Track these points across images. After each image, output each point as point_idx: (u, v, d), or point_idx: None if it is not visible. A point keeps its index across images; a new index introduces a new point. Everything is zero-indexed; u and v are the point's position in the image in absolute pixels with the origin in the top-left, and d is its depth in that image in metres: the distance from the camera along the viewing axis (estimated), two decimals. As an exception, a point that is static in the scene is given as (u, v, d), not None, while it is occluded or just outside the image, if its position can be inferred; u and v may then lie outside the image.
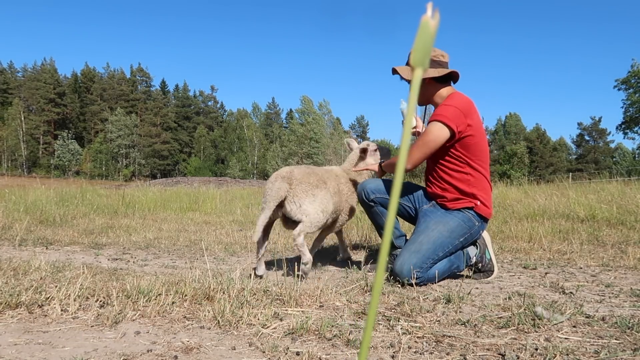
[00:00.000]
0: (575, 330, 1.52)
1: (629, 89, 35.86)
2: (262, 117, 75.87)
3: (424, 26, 0.30)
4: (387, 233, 0.32)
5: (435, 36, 0.31)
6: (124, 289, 1.89)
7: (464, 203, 2.42)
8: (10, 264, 2.55)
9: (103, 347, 1.39)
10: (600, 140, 61.84)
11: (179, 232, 4.82)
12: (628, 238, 3.76)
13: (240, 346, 1.40)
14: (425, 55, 0.31)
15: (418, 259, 2.25)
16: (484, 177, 2.46)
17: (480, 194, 2.43)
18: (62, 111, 69.21)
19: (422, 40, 0.30)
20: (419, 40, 0.31)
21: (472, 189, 2.42)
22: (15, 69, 72.62)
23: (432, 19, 0.31)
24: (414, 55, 0.31)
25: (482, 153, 2.44)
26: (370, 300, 0.32)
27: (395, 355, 1.31)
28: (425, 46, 0.30)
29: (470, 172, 2.42)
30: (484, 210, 2.44)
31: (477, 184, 2.43)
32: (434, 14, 0.30)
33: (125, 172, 65.02)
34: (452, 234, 2.36)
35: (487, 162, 2.48)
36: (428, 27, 0.30)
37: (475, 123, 2.38)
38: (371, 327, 0.31)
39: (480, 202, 2.42)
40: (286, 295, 1.85)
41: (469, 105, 2.38)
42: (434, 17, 0.31)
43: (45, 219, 5.70)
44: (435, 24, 0.30)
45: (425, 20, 0.30)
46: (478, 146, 2.40)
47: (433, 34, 0.31)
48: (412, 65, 0.31)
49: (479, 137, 2.40)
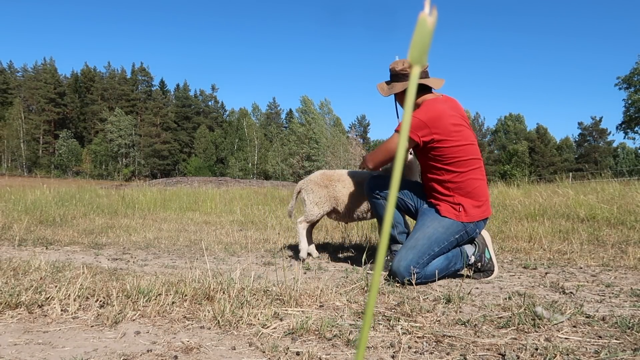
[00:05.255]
0: (575, 330, 1.51)
1: (630, 87, 35.82)
2: (262, 117, 75.88)
3: (421, 23, 0.30)
4: (383, 238, 0.32)
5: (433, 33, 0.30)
6: (124, 289, 1.89)
7: (447, 211, 2.43)
8: (10, 264, 2.55)
9: (103, 347, 1.39)
10: (601, 140, 61.83)
11: (179, 232, 4.82)
12: (628, 238, 3.76)
13: (240, 346, 1.40)
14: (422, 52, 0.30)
15: (414, 254, 2.29)
16: (469, 180, 2.44)
17: (462, 199, 2.43)
18: (62, 111, 69.21)
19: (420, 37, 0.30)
20: (416, 38, 0.31)
21: (452, 193, 2.44)
22: (15, 69, 72.61)
23: (430, 16, 0.30)
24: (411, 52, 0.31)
25: (462, 158, 2.41)
26: (368, 299, 0.31)
27: (395, 355, 1.31)
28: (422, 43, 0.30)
29: (449, 179, 2.43)
30: (471, 216, 2.43)
31: (457, 189, 2.43)
32: (432, 11, 0.30)
33: (125, 172, 65.00)
34: (447, 230, 2.39)
35: (472, 165, 2.44)
36: (426, 24, 0.30)
37: (444, 131, 2.37)
38: (369, 324, 0.31)
39: (462, 207, 2.42)
40: (286, 295, 1.85)
41: (437, 115, 2.38)
42: (432, 14, 0.30)
43: (45, 219, 5.70)
44: (433, 21, 0.30)
45: (423, 17, 0.30)
46: (454, 152, 2.40)
47: (431, 31, 0.30)
48: (410, 63, 0.31)
49: (453, 143, 2.39)
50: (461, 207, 2.42)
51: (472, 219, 2.43)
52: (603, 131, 61.33)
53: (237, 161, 63.92)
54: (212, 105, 79.72)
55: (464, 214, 2.42)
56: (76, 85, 72.53)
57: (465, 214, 2.42)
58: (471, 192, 2.45)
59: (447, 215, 2.43)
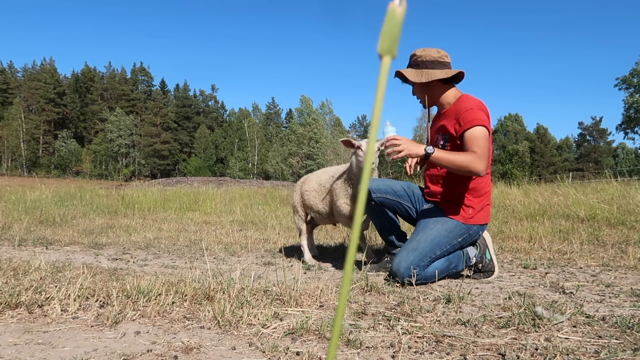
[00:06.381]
0: (575, 330, 1.51)
1: (630, 88, 35.81)
2: (262, 117, 75.86)
3: (390, 14, 0.30)
4: (354, 237, 0.32)
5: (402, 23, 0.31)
6: (124, 289, 1.89)
7: (455, 212, 2.41)
8: (10, 264, 2.55)
9: (103, 347, 1.39)
10: (601, 140, 61.81)
11: (179, 232, 4.82)
12: (628, 238, 3.76)
13: (240, 346, 1.40)
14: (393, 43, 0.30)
15: (415, 257, 2.27)
16: (489, 182, 2.47)
17: (475, 201, 2.42)
18: (62, 111, 69.21)
19: (389, 27, 0.30)
20: (386, 28, 0.31)
21: (471, 195, 2.41)
22: (15, 69, 72.64)
23: (399, 6, 0.30)
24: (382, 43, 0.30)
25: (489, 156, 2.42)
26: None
27: (395, 355, 1.31)
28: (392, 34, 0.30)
29: (479, 179, 2.40)
30: (478, 218, 2.42)
31: (476, 190, 2.42)
32: (401, 1, 0.31)
33: (125, 172, 65.02)
34: (450, 234, 2.36)
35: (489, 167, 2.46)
36: (395, 15, 0.30)
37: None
38: (341, 315, 0.31)
39: (472, 210, 2.41)
40: (286, 295, 1.85)
41: (486, 107, 2.41)
42: (401, 4, 0.31)
43: (45, 219, 5.70)
44: (402, 11, 0.30)
45: (392, 7, 0.30)
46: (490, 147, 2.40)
47: (400, 21, 0.30)
48: (380, 53, 0.31)
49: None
50: (472, 209, 2.40)
51: (478, 222, 2.43)
52: (603, 131, 61.33)
53: (237, 161, 63.93)
54: (212, 105, 79.72)
55: (473, 216, 2.41)
56: (76, 85, 72.51)
57: (474, 216, 2.41)
58: (487, 193, 2.46)
59: (453, 217, 2.40)
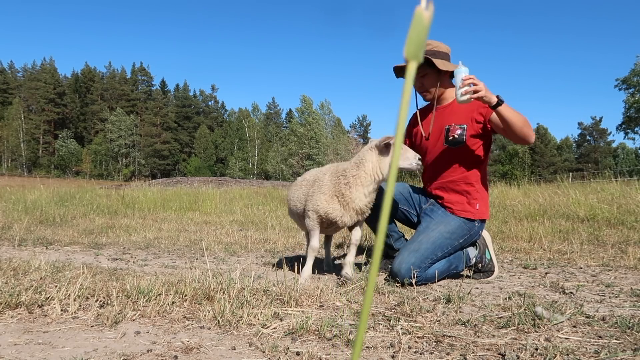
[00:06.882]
0: (575, 330, 1.51)
1: (629, 88, 35.81)
2: (262, 117, 75.85)
3: (417, 18, 0.30)
4: (379, 238, 0.32)
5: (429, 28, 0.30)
6: (124, 289, 1.89)
7: (463, 210, 2.43)
8: (10, 264, 2.55)
9: (103, 347, 1.38)
10: (601, 140, 61.81)
11: (179, 232, 4.82)
12: (628, 238, 3.76)
13: (240, 346, 1.40)
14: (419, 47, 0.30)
15: (416, 258, 2.26)
16: (486, 175, 2.53)
17: (481, 195, 2.45)
18: (62, 111, 69.22)
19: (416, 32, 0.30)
20: (412, 32, 0.30)
21: (478, 188, 2.44)
22: (15, 69, 72.67)
23: (426, 10, 0.30)
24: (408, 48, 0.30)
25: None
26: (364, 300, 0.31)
27: (395, 355, 1.31)
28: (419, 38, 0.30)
29: (483, 172, 2.46)
30: (482, 213, 2.45)
31: (479, 183, 2.45)
32: (428, 5, 0.30)
33: (125, 172, 65.02)
34: (452, 235, 2.36)
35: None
36: (422, 19, 0.30)
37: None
38: (364, 326, 0.31)
39: (479, 204, 2.44)
40: (286, 295, 1.85)
41: None
42: (428, 9, 0.30)
43: (45, 219, 5.70)
44: (430, 16, 0.30)
45: (419, 11, 0.30)
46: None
47: (427, 25, 0.30)
48: (406, 58, 0.31)
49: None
50: (478, 203, 2.43)
51: (484, 216, 2.46)
52: (603, 131, 61.32)
53: (237, 161, 63.93)
54: (212, 105, 79.74)
55: (479, 210, 2.43)
56: (76, 85, 72.53)
57: (480, 210, 2.43)
58: (487, 186, 2.53)
59: (461, 215, 2.41)
